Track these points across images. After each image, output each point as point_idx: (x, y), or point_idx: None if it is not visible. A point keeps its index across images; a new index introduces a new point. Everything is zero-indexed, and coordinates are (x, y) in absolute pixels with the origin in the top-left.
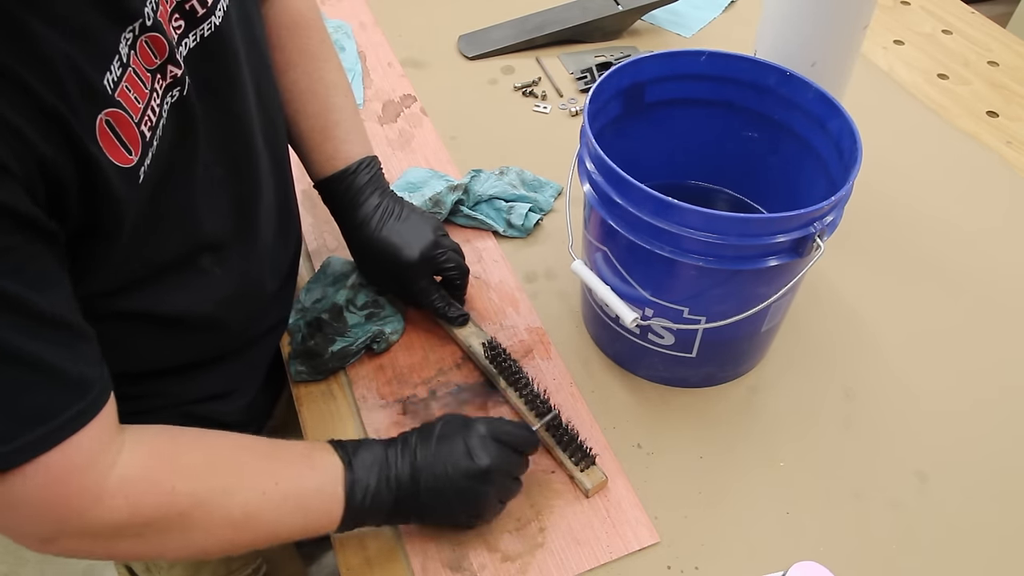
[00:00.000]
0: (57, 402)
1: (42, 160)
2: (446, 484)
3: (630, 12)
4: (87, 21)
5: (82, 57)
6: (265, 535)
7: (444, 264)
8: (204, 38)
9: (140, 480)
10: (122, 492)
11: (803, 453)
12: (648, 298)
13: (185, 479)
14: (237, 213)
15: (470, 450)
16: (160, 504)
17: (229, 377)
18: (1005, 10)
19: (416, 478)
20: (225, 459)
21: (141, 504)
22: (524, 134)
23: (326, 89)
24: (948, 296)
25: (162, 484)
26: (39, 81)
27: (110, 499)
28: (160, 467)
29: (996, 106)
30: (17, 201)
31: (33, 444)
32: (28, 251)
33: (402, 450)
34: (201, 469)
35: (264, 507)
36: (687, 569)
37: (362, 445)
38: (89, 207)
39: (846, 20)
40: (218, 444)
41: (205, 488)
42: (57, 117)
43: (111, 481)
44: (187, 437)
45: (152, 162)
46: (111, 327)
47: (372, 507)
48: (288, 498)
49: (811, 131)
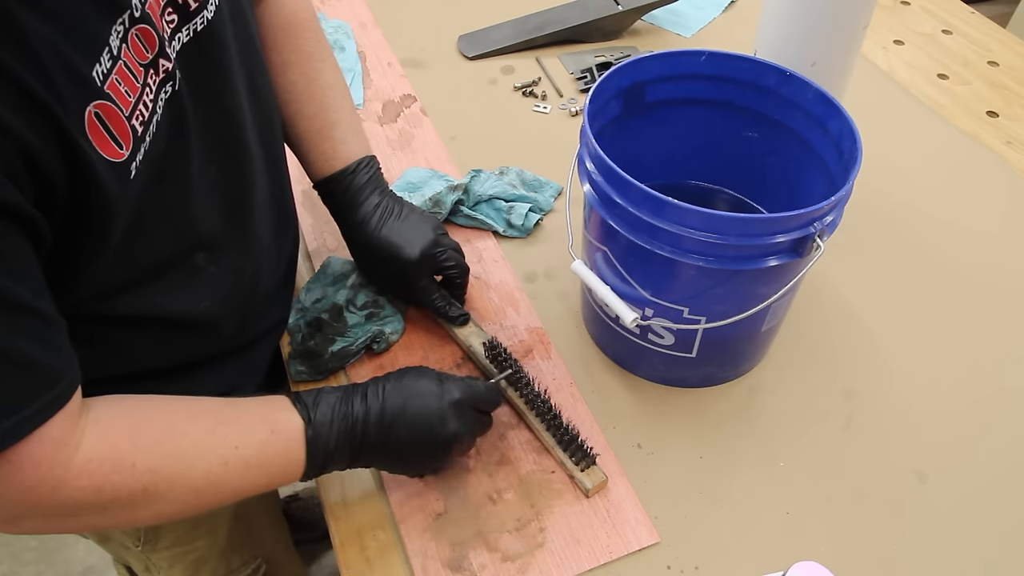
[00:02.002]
0: (27, 392)
1: (27, 151)
2: (413, 426)
3: (630, 12)
4: (75, 11)
5: (70, 47)
6: (229, 497)
7: (444, 263)
8: (197, 32)
9: (103, 460)
10: (86, 473)
11: (803, 453)
12: (648, 298)
13: (146, 454)
14: (230, 210)
15: (442, 390)
16: (123, 482)
17: (229, 377)
18: (1005, 10)
19: (382, 425)
20: (185, 430)
21: (104, 484)
22: (524, 134)
23: (323, 89)
24: (948, 296)
25: (124, 462)
26: (25, 70)
27: (75, 480)
28: (121, 445)
29: (996, 106)
30: (1, 192)
31: (3, 435)
32: (10, 242)
33: (362, 401)
34: (162, 442)
35: (226, 474)
36: (687, 569)
37: (322, 396)
38: (79, 201)
39: (846, 20)
40: (177, 414)
41: (166, 462)
42: (44, 107)
43: (75, 464)
44: (146, 409)
45: (145, 158)
46: (109, 330)
47: (331, 462)
48: (250, 464)
49: (811, 131)
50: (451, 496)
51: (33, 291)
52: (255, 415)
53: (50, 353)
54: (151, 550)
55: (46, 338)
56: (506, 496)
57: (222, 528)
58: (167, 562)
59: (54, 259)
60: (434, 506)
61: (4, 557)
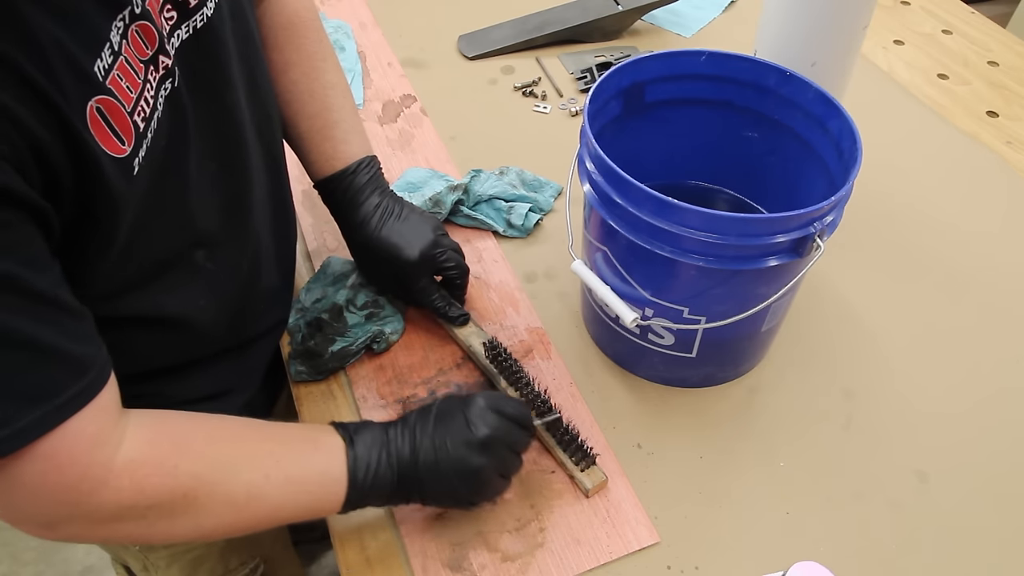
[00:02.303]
0: (55, 383)
1: (35, 143)
2: (444, 456)
3: (630, 12)
4: (77, 6)
5: (71, 41)
6: (267, 516)
7: (444, 263)
8: (196, 30)
9: (145, 461)
10: (127, 473)
11: (803, 453)
12: (648, 298)
13: (189, 459)
14: (229, 207)
15: (468, 421)
16: (164, 485)
17: (228, 377)
18: (1005, 10)
19: (416, 452)
20: (227, 441)
21: (146, 485)
22: (524, 134)
23: (324, 89)
24: (948, 296)
25: (166, 465)
26: (29, 63)
27: (116, 480)
28: (164, 448)
29: (996, 106)
30: (9, 180)
31: (32, 426)
32: (23, 231)
33: (402, 429)
34: (204, 450)
35: (267, 488)
36: (687, 569)
37: (363, 425)
38: (85, 196)
39: (846, 20)
40: (220, 426)
41: (208, 469)
42: (48, 100)
43: (116, 462)
44: (189, 420)
45: (147, 154)
46: (109, 331)
47: (374, 486)
48: (291, 479)
49: (811, 131)
50: None
51: (51, 280)
52: (298, 435)
53: (75, 343)
54: (149, 549)
55: (70, 327)
56: (506, 496)
57: None
58: (165, 561)
59: (63, 258)
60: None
61: (4, 557)
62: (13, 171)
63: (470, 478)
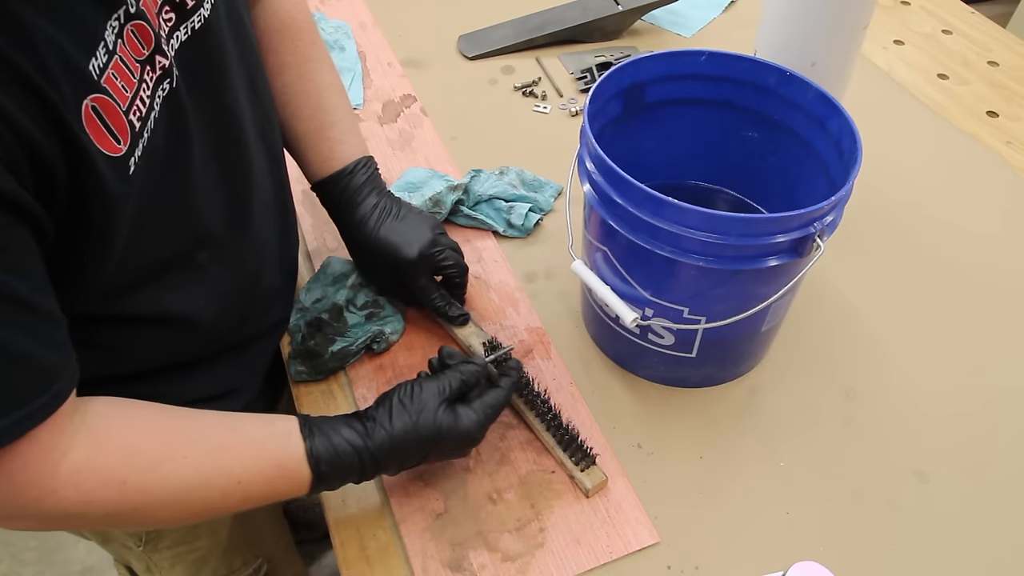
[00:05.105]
0: (24, 391)
1: (28, 142)
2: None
3: (630, 12)
4: (69, 4)
5: (66, 40)
6: (225, 516)
7: (443, 262)
8: (195, 31)
9: (91, 472)
10: (73, 484)
11: (803, 453)
12: (648, 298)
13: (139, 474)
14: (231, 208)
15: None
16: (111, 499)
17: (229, 377)
18: (1005, 10)
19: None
20: (184, 452)
21: (92, 497)
22: (524, 134)
23: (319, 90)
24: (948, 296)
25: (114, 478)
26: (24, 60)
27: (62, 490)
28: (112, 460)
29: (996, 106)
30: (1, 182)
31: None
32: (9, 235)
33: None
34: (157, 464)
35: (225, 502)
36: (687, 569)
37: (331, 433)
38: (79, 196)
39: (846, 20)
40: (178, 434)
41: (160, 485)
42: (43, 98)
43: (62, 472)
44: (145, 423)
45: (143, 154)
46: (111, 330)
47: (339, 484)
48: (250, 497)
49: (811, 131)
50: (451, 496)
51: (33, 286)
52: (262, 451)
53: (49, 350)
54: (152, 550)
55: (45, 335)
56: (506, 496)
57: (223, 528)
58: (168, 562)
59: (57, 259)
60: (434, 506)
61: (4, 557)
62: (5, 172)
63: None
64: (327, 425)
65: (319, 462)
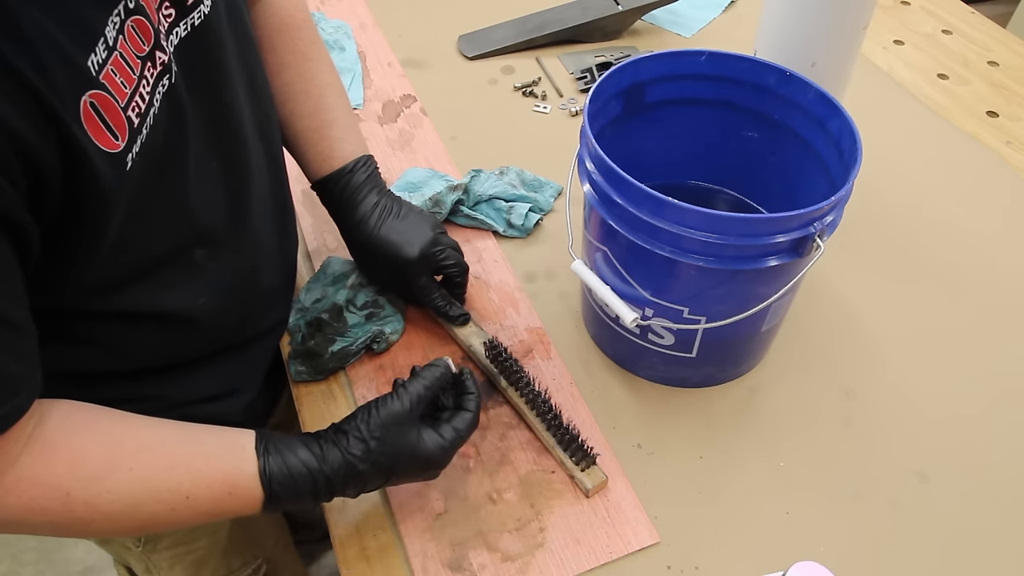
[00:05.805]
0: None
1: (21, 143)
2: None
3: (630, 12)
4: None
5: (65, 36)
6: (173, 530)
7: (444, 261)
8: (195, 27)
9: (34, 482)
10: (15, 492)
11: (803, 453)
12: (648, 298)
13: (84, 485)
14: (230, 206)
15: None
16: (54, 509)
17: (229, 377)
18: (1005, 10)
19: (344, 479)
20: (131, 464)
21: (35, 507)
22: (524, 134)
23: (319, 89)
24: (948, 296)
25: (58, 489)
26: (19, 58)
27: (3, 497)
28: (57, 469)
29: (996, 106)
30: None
31: None
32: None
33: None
34: (103, 476)
35: (172, 516)
36: (687, 569)
37: (287, 463)
38: (73, 192)
39: (846, 20)
40: (127, 444)
41: (105, 498)
42: (39, 96)
43: (6, 479)
44: (96, 431)
45: (141, 150)
46: (109, 327)
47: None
48: (199, 513)
49: (811, 131)
50: (451, 496)
51: (7, 297)
52: (214, 467)
53: (16, 363)
54: (151, 550)
55: (13, 347)
56: (506, 496)
57: (223, 529)
58: (168, 563)
59: (48, 251)
60: (434, 506)
61: (4, 557)
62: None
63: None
64: (284, 444)
65: (272, 482)
